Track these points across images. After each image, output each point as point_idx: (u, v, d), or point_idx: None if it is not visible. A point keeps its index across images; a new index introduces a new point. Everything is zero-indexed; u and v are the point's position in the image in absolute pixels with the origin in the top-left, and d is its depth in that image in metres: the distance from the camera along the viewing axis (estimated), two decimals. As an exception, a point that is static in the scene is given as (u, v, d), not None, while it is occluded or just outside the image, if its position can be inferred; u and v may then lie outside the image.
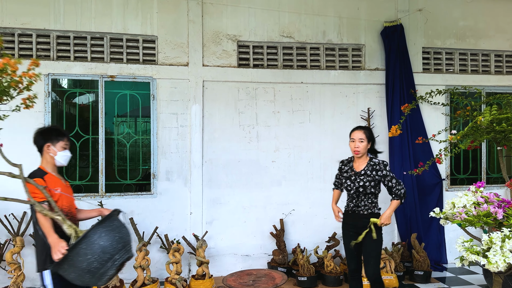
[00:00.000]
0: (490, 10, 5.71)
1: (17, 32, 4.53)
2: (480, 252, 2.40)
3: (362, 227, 3.35)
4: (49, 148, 2.78)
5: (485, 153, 5.70)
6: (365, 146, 3.39)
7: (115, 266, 2.42)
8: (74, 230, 2.45)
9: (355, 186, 3.37)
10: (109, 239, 2.44)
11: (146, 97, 4.89)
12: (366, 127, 3.49)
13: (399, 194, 3.33)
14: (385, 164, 3.37)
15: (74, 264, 2.33)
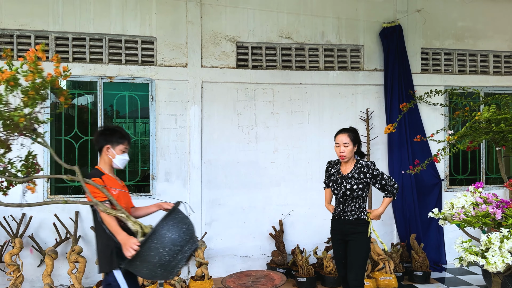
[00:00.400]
0: (488, 11, 5.72)
1: (16, 34, 4.53)
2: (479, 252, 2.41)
3: (347, 234, 3.22)
4: (108, 150, 2.73)
5: (484, 153, 5.71)
6: (351, 150, 3.22)
7: (185, 258, 2.43)
8: (139, 226, 2.45)
9: (342, 190, 3.22)
10: (177, 231, 2.44)
11: (145, 98, 4.89)
12: (350, 129, 3.30)
13: (392, 191, 3.21)
14: (373, 164, 3.24)
15: (146, 259, 2.35)
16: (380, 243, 3.33)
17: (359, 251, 3.17)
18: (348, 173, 3.24)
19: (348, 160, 3.25)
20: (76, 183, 4.76)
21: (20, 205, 2.43)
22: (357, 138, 3.28)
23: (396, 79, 5.23)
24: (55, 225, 4.42)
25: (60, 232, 4.46)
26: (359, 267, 3.15)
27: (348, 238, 3.22)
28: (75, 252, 4.14)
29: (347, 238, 3.23)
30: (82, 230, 4.59)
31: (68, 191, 4.82)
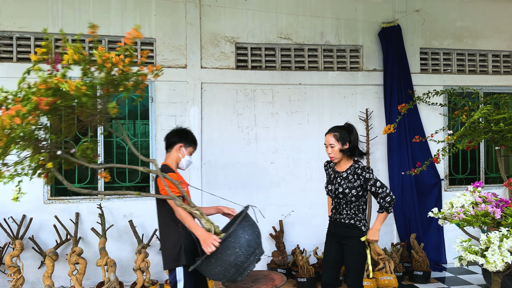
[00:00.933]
0: (487, 11, 5.73)
1: (16, 36, 4.54)
2: (479, 251, 2.41)
3: (343, 237, 3.08)
4: (180, 149, 2.84)
5: (483, 153, 5.72)
6: (338, 150, 3.05)
7: (256, 261, 2.48)
8: (212, 224, 2.52)
9: (335, 190, 3.07)
10: (252, 233, 2.50)
11: (144, 100, 4.89)
12: (336, 128, 3.11)
13: (385, 205, 2.94)
14: (369, 169, 3.01)
15: (222, 257, 2.39)
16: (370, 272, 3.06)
17: (355, 256, 3.04)
18: (343, 171, 3.09)
19: (339, 160, 3.10)
20: (75, 184, 4.76)
21: (100, 192, 2.59)
22: (345, 137, 3.04)
23: (395, 79, 5.23)
24: (55, 226, 4.42)
25: (61, 233, 4.46)
26: (356, 273, 3.04)
27: (343, 242, 3.09)
28: (75, 253, 4.14)
29: (343, 242, 3.09)
30: (82, 232, 4.59)
31: (68, 193, 4.82)
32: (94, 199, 4.67)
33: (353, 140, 3.06)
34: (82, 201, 4.63)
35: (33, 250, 4.39)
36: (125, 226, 4.66)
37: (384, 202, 2.93)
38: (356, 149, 3.09)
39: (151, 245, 4.69)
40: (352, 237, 3.04)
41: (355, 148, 3.08)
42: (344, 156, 3.08)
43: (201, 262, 2.44)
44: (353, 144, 3.06)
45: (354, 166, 3.05)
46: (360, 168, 3.02)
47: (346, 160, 3.10)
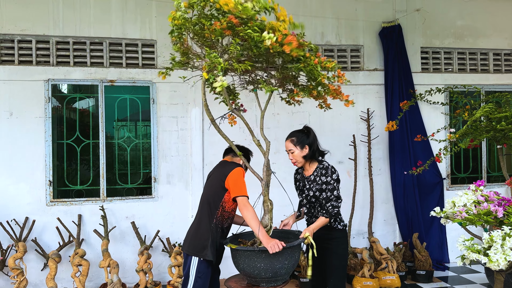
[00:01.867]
0: (487, 9, 5.73)
1: (17, 39, 4.55)
2: (481, 250, 2.41)
3: (323, 239, 2.97)
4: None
5: (485, 151, 5.71)
6: (299, 154, 2.99)
7: (283, 280, 2.64)
8: (271, 223, 2.72)
9: (306, 195, 3.01)
10: (297, 255, 2.67)
11: (146, 101, 4.90)
12: (294, 133, 3.05)
13: (331, 212, 2.84)
14: (332, 170, 2.94)
15: (272, 260, 2.52)
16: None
17: (335, 259, 2.96)
18: (310, 175, 3.02)
19: (302, 164, 3.04)
20: (78, 186, 4.78)
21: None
22: (303, 140, 2.99)
23: (396, 78, 5.23)
24: (58, 228, 4.43)
25: (63, 235, 4.47)
26: (337, 277, 2.95)
27: (323, 244, 2.97)
28: (78, 255, 4.15)
29: (323, 245, 2.97)
30: (85, 233, 4.60)
31: (71, 195, 4.84)
32: (96, 201, 4.68)
33: (311, 142, 2.99)
34: (84, 203, 4.64)
35: (36, 252, 4.40)
36: (128, 227, 4.67)
37: (332, 210, 2.85)
38: (317, 151, 3.03)
39: (154, 246, 4.69)
40: (330, 239, 2.98)
41: (315, 150, 3.01)
42: (307, 160, 3.02)
43: (255, 251, 2.54)
44: (313, 147, 2.99)
45: (319, 167, 2.98)
46: (324, 168, 2.96)
47: (312, 163, 3.04)
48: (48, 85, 4.58)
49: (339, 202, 2.89)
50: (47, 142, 4.55)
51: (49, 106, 4.58)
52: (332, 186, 2.89)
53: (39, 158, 4.54)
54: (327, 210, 2.86)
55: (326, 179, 2.92)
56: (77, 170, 4.83)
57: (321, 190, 2.93)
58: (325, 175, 2.93)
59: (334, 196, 2.88)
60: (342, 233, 3.02)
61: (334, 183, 2.90)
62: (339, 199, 2.90)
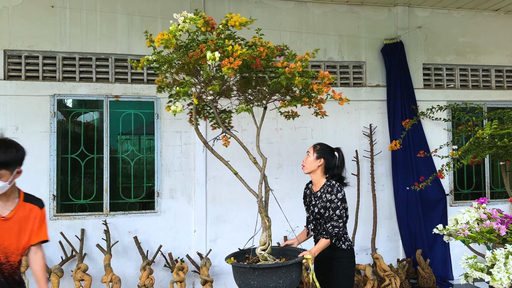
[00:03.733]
0: (489, 26, 5.79)
1: (24, 54, 4.63)
2: (484, 269, 2.40)
3: (327, 259, 2.96)
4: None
5: (488, 167, 5.70)
6: (311, 162, 3.01)
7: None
8: (269, 240, 2.75)
9: (311, 210, 2.99)
10: (295, 275, 2.62)
11: (150, 116, 4.95)
12: (322, 143, 3.12)
13: (331, 232, 2.80)
14: (338, 189, 2.89)
15: (265, 277, 2.50)
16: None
17: (341, 279, 2.92)
18: (317, 191, 3.01)
19: (308, 172, 3.06)
20: (81, 200, 4.80)
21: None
22: (324, 153, 3.03)
23: (398, 94, 5.27)
24: (60, 243, 4.44)
25: (66, 250, 4.48)
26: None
27: (328, 264, 2.96)
28: (80, 270, 4.14)
29: (328, 265, 2.97)
30: (87, 248, 4.60)
31: (74, 209, 4.85)
32: (99, 215, 4.69)
33: (330, 160, 3.01)
34: (87, 217, 4.66)
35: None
36: (130, 242, 4.67)
37: (333, 229, 2.81)
38: (333, 171, 3.01)
39: (156, 262, 4.68)
40: (334, 258, 2.94)
41: (330, 169, 3.01)
42: (318, 173, 3.03)
43: (247, 268, 2.52)
44: (329, 165, 3.01)
45: (327, 184, 2.96)
46: (330, 186, 2.92)
47: (320, 179, 3.03)
48: (54, 100, 4.64)
49: (339, 222, 2.82)
50: (51, 156, 4.59)
51: (54, 121, 4.63)
52: (335, 205, 2.85)
53: (44, 172, 4.57)
54: (327, 230, 2.83)
55: (331, 197, 2.88)
56: (80, 184, 4.85)
57: (326, 208, 2.90)
58: (330, 193, 2.90)
59: (336, 215, 2.83)
60: (347, 253, 2.95)
61: (337, 202, 2.86)
62: (341, 218, 2.83)
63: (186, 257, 4.73)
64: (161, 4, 4.92)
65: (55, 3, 4.68)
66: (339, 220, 2.84)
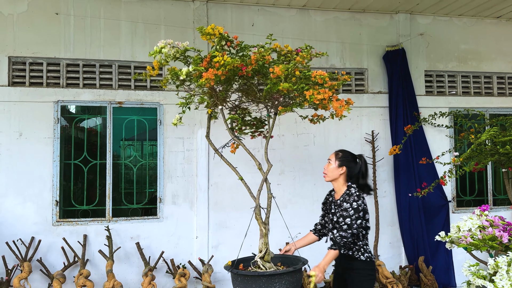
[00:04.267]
0: (491, 33, 5.81)
1: (29, 61, 4.67)
2: (487, 276, 2.40)
3: (345, 269, 2.93)
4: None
5: (491, 174, 5.70)
6: (333, 170, 2.95)
7: None
8: (264, 247, 2.78)
9: (331, 218, 2.95)
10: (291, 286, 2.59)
11: (153, 122, 4.98)
12: (344, 150, 3.07)
13: (339, 242, 2.71)
14: (355, 198, 2.80)
15: (251, 283, 2.52)
16: None
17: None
18: (338, 199, 2.95)
19: (330, 180, 3.01)
20: (84, 206, 4.81)
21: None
22: (346, 160, 2.97)
23: (400, 101, 5.28)
24: (63, 248, 4.45)
25: (68, 255, 4.48)
26: None
27: (345, 275, 2.92)
28: (83, 276, 4.15)
29: (345, 276, 2.93)
30: (89, 254, 4.61)
31: (77, 215, 4.87)
32: (102, 221, 4.70)
33: (352, 168, 2.97)
34: (90, 223, 4.67)
35: (41, 272, 4.41)
36: (132, 248, 4.68)
37: (341, 240, 2.72)
38: (356, 179, 2.96)
39: (158, 268, 4.68)
40: (352, 269, 2.88)
41: (353, 177, 2.96)
42: (339, 181, 2.98)
43: (234, 273, 2.56)
44: (351, 173, 2.96)
45: (346, 193, 2.90)
46: (349, 194, 2.86)
47: (342, 187, 2.98)
48: (57, 106, 4.67)
49: (348, 232, 2.72)
50: (55, 162, 4.61)
51: (57, 127, 4.66)
52: (347, 214, 2.76)
53: (47, 178, 4.59)
54: (334, 240, 2.74)
55: (346, 204, 2.81)
56: (83, 190, 4.87)
57: (346, 217, 2.81)
58: (346, 202, 2.82)
59: (346, 224, 2.74)
60: (366, 265, 2.85)
61: (350, 210, 2.76)
62: (350, 228, 2.73)
63: (188, 263, 4.72)
64: (164, 12, 4.96)
65: (60, 10, 4.73)
66: (348, 230, 2.73)
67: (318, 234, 3.24)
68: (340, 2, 5.21)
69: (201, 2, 5.00)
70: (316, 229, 3.26)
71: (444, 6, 5.38)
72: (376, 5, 5.33)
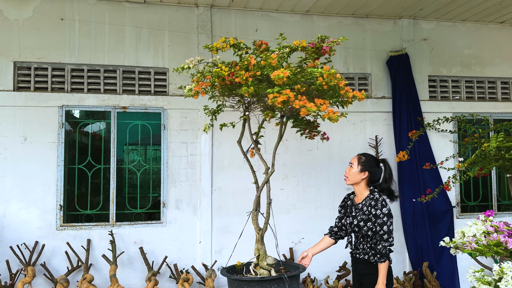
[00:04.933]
0: (494, 38, 5.80)
1: (34, 66, 4.70)
2: (492, 282, 2.38)
3: (361, 275, 2.93)
4: None
5: (495, 179, 5.67)
6: (355, 174, 2.93)
7: None
8: (257, 252, 2.81)
9: (351, 223, 2.91)
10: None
11: (157, 127, 4.99)
12: (367, 154, 3.07)
13: (382, 251, 2.70)
14: (383, 203, 2.80)
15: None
16: None
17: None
18: (359, 203, 2.93)
19: (351, 183, 2.98)
20: (87, 211, 4.82)
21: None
22: (369, 165, 2.94)
23: (404, 106, 5.28)
24: (67, 253, 4.45)
25: (72, 260, 4.49)
26: None
27: (362, 280, 2.90)
28: (86, 280, 4.15)
29: (362, 280, 2.91)
30: (93, 258, 4.61)
31: (80, 219, 4.88)
32: (105, 226, 4.71)
33: (375, 173, 2.94)
34: (93, 227, 4.67)
35: (45, 277, 4.41)
36: (136, 252, 4.68)
37: (385, 250, 2.71)
38: (380, 185, 2.94)
39: (161, 273, 4.68)
40: (367, 274, 2.86)
41: (375, 182, 2.94)
42: (361, 185, 2.95)
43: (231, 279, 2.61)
44: (374, 178, 2.94)
45: (369, 197, 2.86)
46: (374, 199, 2.83)
47: (363, 191, 2.95)
48: (62, 111, 4.69)
49: (390, 238, 2.71)
50: (59, 166, 4.63)
51: (62, 132, 4.68)
52: (382, 221, 2.73)
53: (51, 183, 4.61)
54: (380, 252, 2.69)
55: (376, 211, 2.76)
56: (87, 195, 4.88)
57: (366, 221, 2.80)
58: (374, 207, 2.79)
59: (384, 231, 2.70)
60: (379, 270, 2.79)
61: (383, 217, 2.74)
62: (389, 234, 2.71)
63: (191, 268, 4.72)
64: (168, 17, 4.99)
65: (65, 16, 4.76)
66: (389, 238, 2.72)
67: (334, 237, 3.18)
68: (344, 8, 5.22)
69: (205, 7, 5.03)
70: (332, 232, 3.20)
71: (448, 11, 5.38)
72: (380, 11, 5.34)
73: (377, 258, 2.74)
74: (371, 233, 2.80)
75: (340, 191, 5.16)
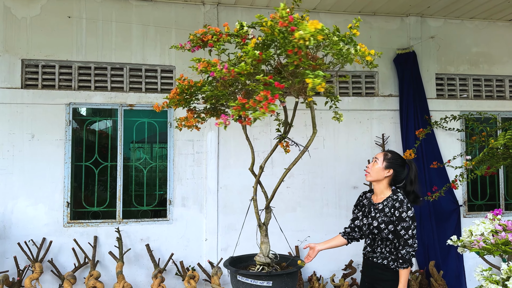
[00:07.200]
0: (502, 36, 5.75)
1: (41, 64, 4.73)
2: (500, 281, 2.37)
3: (375, 280, 2.78)
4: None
5: (503, 178, 5.63)
6: (379, 170, 2.76)
7: None
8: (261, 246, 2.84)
9: (370, 224, 2.74)
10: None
11: (163, 124, 5.01)
12: (394, 152, 2.88)
13: (405, 256, 2.57)
14: (408, 206, 2.64)
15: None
16: None
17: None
18: (379, 203, 2.77)
19: (372, 180, 2.82)
20: (94, 208, 4.85)
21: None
22: (394, 163, 2.78)
23: (411, 104, 5.25)
24: (74, 250, 4.48)
25: (79, 256, 4.52)
26: None
27: (377, 285, 2.77)
28: (93, 277, 4.18)
29: (377, 285, 2.77)
30: (100, 255, 4.64)
31: (87, 216, 4.91)
32: (112, 223, 4.73)
33: (399, 172, 2.80)
34: (100, 224, 4.70)
35: (52, 273, 4.45)
36: (142, 250, 4.70)
37: (409, 255, 2.59)
38: (404, 185, 2.82)
39: (167, 270, 4.70)
40: (384, 280, 2.72)
41: (398, 182, 2.82)
42: (383, 183, 2.80)
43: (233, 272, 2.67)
44: (398, 177, 2.80)
45: (392, 198, 2.72)
46: (398, 201, 2.68)
47: (384, 190, 2.80)
48: (69, 108, 4.72)
49: (415, 245, 2.59)
50: (66, 164, 4.66)
51: (69, 129, 4.71)
52: (407, 224, 2.59)
53: (58, 180, 4.64)
54: (403, 257, 2.58)
55: (400, 214, 2.62)
56: (94, 192, 4.91)
57: (387, 223, 2.66)
58: (398, 209, 2.64)
59: (409, 236, 2.58)
60: (397, 276, 2.66)
61: (409, 220, 2.60)
62: (414, 238, 2.59)
63: (197, 266, 4.74)
64: (175, 15, 5.00)
65: (72, 14, 4.79)
66: (414, 243, 2.60)
67: (347, 238, 3.05)
68: (351, 5, 5.20)
69: (211, 5, 5.03)
70: (346, 232, 3.08)
71: (456, 9, 5.34)
72: (387, 8, 5.32)
73: (398, 264, 2.61)
74: (391, 236, 2.65)
75: (346, 190, 5.15)
